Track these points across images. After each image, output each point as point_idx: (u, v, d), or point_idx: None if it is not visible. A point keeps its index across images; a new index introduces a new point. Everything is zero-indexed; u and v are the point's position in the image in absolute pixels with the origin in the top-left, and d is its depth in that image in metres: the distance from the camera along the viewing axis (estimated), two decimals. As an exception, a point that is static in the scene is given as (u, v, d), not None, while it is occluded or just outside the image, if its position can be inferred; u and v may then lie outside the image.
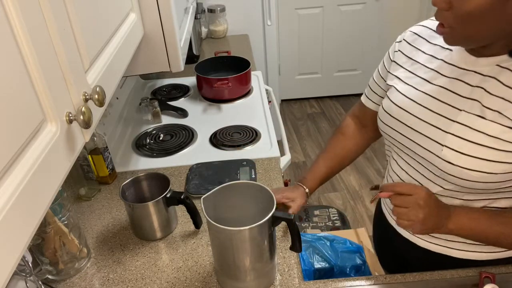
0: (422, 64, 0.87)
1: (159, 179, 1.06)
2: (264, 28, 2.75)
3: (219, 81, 1.67)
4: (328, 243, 1.53)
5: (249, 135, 1.46)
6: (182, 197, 1.02)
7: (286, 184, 1.39)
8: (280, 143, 1.48)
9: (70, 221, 0.94)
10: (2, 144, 0.40)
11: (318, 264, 1.46)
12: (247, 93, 1.78)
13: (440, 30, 0.74)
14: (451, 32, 0.72)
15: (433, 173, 0.84)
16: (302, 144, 3.08)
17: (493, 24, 0.67)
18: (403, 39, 0.93)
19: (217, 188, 0.87)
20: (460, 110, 0.77)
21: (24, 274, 0.78)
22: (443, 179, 0.83)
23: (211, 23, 2.54)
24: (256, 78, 1.91)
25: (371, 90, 1.03)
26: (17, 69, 0.44)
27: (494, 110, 0.73)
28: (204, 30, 2.53)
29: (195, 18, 2.08)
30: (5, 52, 0.42)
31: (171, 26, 1.04)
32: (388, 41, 0.96)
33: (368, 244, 1.73)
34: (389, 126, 0.91)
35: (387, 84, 0.95)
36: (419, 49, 0.89)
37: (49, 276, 0.96)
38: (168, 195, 1.01)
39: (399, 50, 0.93)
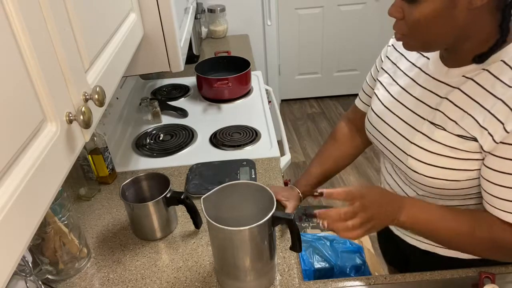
0: (403, 72, 0.88)
1: (159, 179, 1.06)
2: (264, 28, 2.75)
3: (219, 81, 1.67)
4: (328, 243, 1.53)
5: (249, 135, 1.46)
6: (182, 197, 1.01)
7: (286, 184, 1.39)
8: (280, 143, 1.48)
9: (70, 221, 0.94)
10: (2, 144, 0.40)
11: (318, 264, 1.46)
12: (247, 93, 1.78)
13: (396, 37, 0.76)
14: (405, 39, 0.74)
15: (408, 180, 0.87)
16: (302, 144, 3.08)
17: (444, 30, 0.69)
18: (391, 44, 0.95)
19: (217, 188, 0.87)
20: (424, 119, 0.79)
21: (24, 274, 0.78)
22: (415, 186, 0.85)
23: (211, 23, 2.54)
24: (256, 78, 1.91)
25: (364, 92, 1.04)
26: (17, 69, 0.44)
27: (453, 120, 0.74)
28: (204, 30, 2.53)
29: (195, 18, 2.08)
30: (5, 52, 0.42)
31: (171, 26, 1.04)
32: (388, 41, 0.97)
33: (368, 244, 1.73)
34: (371, 134, 0.93)
35: (373, 90, 0.96)
36: (403, 55, 0.90)
37: (49, 276, 0.96)
38: (168, 195, 1.01)
39: (387, 56, 0.94)
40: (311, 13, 3.18)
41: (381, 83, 0.93)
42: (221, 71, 1.88)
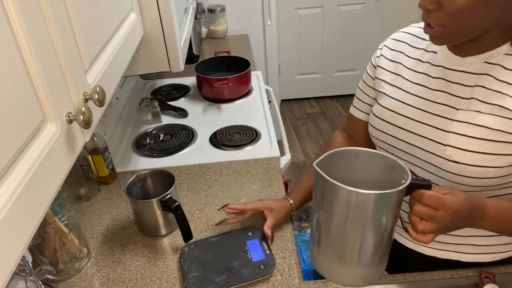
0: (408, 68, 0.87)
1: (164, 177, 1.07)
2: (264, 28, 2.75)
3: (219, 81, 1.67)
4: (328, 243, 1.52)
5: (249, 135, 1.46)
6: (172, 206, 0.97)
7: (286, 184, 1.39)
8: (280, 143, 1.48)
9: (70, 221, 0.94)
10: (2, 144, 0.40)
11: (318, 264, 1.46)
12: (247, 93, 1.78)
13: (429, 30, 0.73)
14: (443, 30, 0.71)
15: (435, 174, 0.83)
16: (302, 144, 3.08)
17: (486, 16, 0.68)
18: (384, 45, 0.94)
19: (328, 153, 0.71)
20: (457, 109, 0.78)
21: (24, 274, 0.78)
22: (446, 179, 0.81)
23: (211, 23, 2.54)
24: (256, 78, 1.91)
25: (359, 99, 1.02)
26: (17, 69, 0.44)
27: (494, 104, 0.74)
28: (204, 30, 2.53)
29: (195, 18, 2.08)
30: (5, 52, 0.42)
31: (171, 26, 1.04)
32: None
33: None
34: (382, 131, 0.90)
35: (376, 90, 0.94)
36: (402, 53, 0.89)
37: (49, 276, 0.96)
38: (163, 200, 0.99)
39: (381, 55, 0.93)
40: (311, 13, 3.18)
41: (384, 81, 0.91)
42: (221, 71, 1.88)
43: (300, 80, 3.49)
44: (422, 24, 0.90)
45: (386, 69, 0.92)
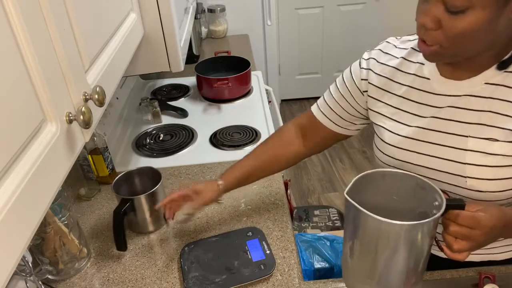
0: (404, 98, 0.83)
1: (152, 174, 1.09)
2: (264, 28, 2.75)
3: (219, 81, 1.67)
4: (328, 243, 1.53)
5: (249, 135, 1.46)
6: (122, 210, 0.98)
7: (286, 184, 1.39)
8: (280, 143, 1.48)
9: (70, 221, 0.94)
10: (2, 144, 0.40)
11: (318, 264, 1.46)
12: (247, 93, 1.78)
13: (426, 48, 0.70)
14: (439, 50, 0.69)
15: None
16: (302, 144, 3.07)
17: (484, 39, 0.66)
18: (370, 69, 0.88)
19: (358, 177, 0.71)
20: (466, 136, 0.75)
21: (24, 274, 0.78)
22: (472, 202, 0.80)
23: (211, 23, 2.54)
24: (256, 78, 1.91)
25: (329, 107, 0.96)
26: (17, 69, 0.44)
27: (504, 128, 0.72)
28: (204, 30, 2.54)
29: (195, 18, 2.08)
30: (5, 52, 0.42)
31: (171, 26, 1.04)
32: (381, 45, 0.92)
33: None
34: (395, 167, 0.86)
35: (374, 123, 0.89)
36: (392, 80, 0.84)
37: (49, 276, 0.96)
38: (124, 202, 1.00)
39: (369, 83, 0.87)
40: (311, 13, 3.18)
41: (381, 114, 0.87)
42: (221, 71, 1.88)
43: (300, 80, 3.49)
44: (397, 42, 0.87)
45: (380, 100, 0.87)
